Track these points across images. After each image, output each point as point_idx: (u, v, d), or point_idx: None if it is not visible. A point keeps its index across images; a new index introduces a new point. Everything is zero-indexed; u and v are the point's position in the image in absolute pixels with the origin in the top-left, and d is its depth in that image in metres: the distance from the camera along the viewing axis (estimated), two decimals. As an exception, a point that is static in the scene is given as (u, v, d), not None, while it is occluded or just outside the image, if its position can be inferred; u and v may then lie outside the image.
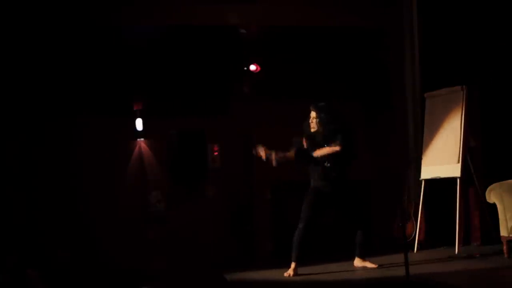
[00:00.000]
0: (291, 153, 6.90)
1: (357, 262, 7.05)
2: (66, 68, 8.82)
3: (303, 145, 6.90)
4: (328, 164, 6.75)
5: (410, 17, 9.18)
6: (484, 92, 8.39)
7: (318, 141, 6.84)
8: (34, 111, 8.73)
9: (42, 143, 8.77)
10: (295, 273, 6.75)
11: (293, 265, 6.77)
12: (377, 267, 6.95)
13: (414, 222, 8.32)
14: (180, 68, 9.10)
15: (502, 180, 7.21)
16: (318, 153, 6.79)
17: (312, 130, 6.86)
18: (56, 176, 8.77)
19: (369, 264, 7.00)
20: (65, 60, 8.80)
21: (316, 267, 7.18)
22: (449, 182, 7.83)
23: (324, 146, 6.80)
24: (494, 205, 7.16)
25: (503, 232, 7.02)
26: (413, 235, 8.25)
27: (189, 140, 9.35)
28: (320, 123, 6.80)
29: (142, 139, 9.30)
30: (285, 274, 6.78)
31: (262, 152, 6.87)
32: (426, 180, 8.15)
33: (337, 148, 6.70)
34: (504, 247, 7.01)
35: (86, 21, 8.81)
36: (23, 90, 8.68)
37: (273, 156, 6.84)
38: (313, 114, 6.86)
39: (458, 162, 7.71)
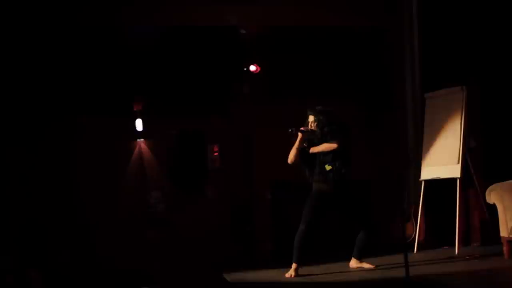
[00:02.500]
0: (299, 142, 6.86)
1: (353, 263, 7.04)
2: (66, 69, 8.83)
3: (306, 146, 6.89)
4: (330, 167, 6.76)
5: (411, 17, 9.17)
6: (484, 93, 8.39)
7: (316, 144, 6.84)
8: (34, 111, 8.74)
9: (42, 143, 8.78)
10: (296, 274, 6.75)
11: (294, 266, 6.77)
12: (374, 268, 6.94)
13: (414, 223, 8.32)
14: (180, 69, 9.11)
15: (502, 181, 7.19)
16: (315, 149, 6.79)
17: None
18: (56, 177, 8.78)
19: (366, 265, 6.99)
20: (65, 60, 8.81)
21: (316, 267, 7.17)
22: (449, 182, 7.82)
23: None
24: (494, 205, 7.15)
25: (503, 233, 7.01)
26: (413, 235, 8.24)
27: (189, 140, 9.37)
28: (318, 126, 6.80)
29: (142, 139, 9.31)
30: (286, 275, 6.77)
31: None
32: (426, 181, 8.14)
33: (334, 146, 6.69)
34: (504, 248, 7.00)
35: (86, 21, 8.82)
36: (24, 90, 8.69)
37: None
38: (310, 118, 6.86)
39: (458, 162, 7.71)
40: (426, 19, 9.00)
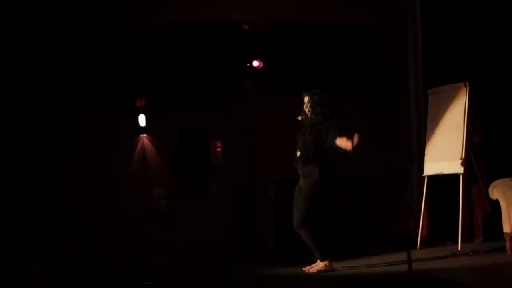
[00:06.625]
0: None
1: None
2: (69, 65, 8.83)
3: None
4: (299, 153, 6.65)
5: (413, 13, 9.17)
6: (487, 88, 8.37)
7: (305, 125, 6.79)
8: (36, 107, 8.75)
9: (44, 139, 8.79)
10: (322, 269, 6.66)
11: (326, 262, 6.71)
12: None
13: (417, 219, 8.31)
14: (183, 64, 9.11)
15: (505, 177, 7.19)
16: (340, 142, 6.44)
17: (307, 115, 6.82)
18: (59, 173, 8.79)
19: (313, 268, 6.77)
20: (68, 56, 8.81)
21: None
22: (452, 178, 7.82)
23: (311, 131, 6.69)
24: (497, 201, 7.15)
25: (506, 229, 7.01)
26: (416, 231, 8.24)
27: (192, 136, 9.37)
28: (311, 106, 6.78)
29: (145, 135, 9.32)
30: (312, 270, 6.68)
31: None
32: (429, 177, 8.13)
33: (346, 140, 6.40)
34: (507, 244, 7.00)
35: (88, 17, 8.82)
36: (26, 86, 8.70)
37: None
38: (306, 99, 6.85)
39: (461, 158, 7.71)
40: (429, 15, 8.99)
